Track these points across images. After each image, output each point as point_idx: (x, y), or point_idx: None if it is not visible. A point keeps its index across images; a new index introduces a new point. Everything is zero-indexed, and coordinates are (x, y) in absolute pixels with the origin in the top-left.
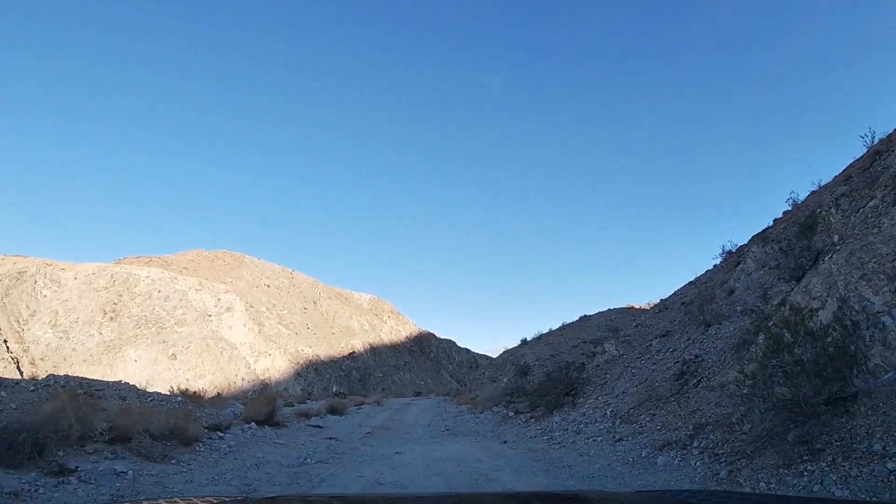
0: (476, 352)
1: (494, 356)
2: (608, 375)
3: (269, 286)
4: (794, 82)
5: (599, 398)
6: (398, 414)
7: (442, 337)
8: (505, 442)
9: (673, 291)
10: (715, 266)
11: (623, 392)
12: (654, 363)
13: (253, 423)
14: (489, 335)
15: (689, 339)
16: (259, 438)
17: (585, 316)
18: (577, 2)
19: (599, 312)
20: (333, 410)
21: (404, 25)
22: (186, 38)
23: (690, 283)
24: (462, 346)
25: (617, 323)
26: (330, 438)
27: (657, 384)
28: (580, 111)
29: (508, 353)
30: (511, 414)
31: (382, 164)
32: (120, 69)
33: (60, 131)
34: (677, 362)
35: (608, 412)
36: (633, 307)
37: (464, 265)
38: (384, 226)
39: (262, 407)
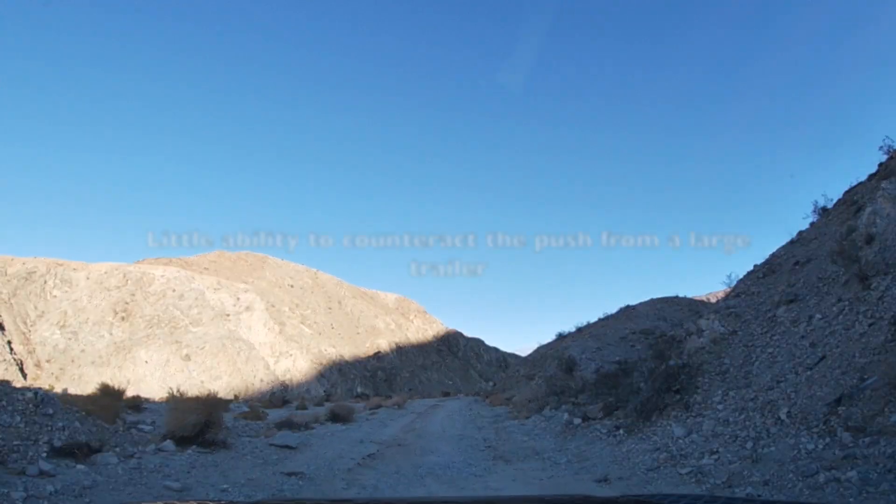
0: (504, 350)
1: (522, 355)
2: (727, 361)
3: (292, 286)
4: (782, 92)
5: (732, 393)
6: (420, 420)
7: (469, 336)
8: (605, 480)
9: (771, 253)
10: (812, 224)
11: (780, 381)
12: (802, 336)
13: (169, 442)
14: (512, 335)
15: (840, 300)
16: (141, 476)
17: (629, 306)
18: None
19: (642, 302)
20: (336, 417)
21: (417, 27)
22: (210, 40)
23: (792, 241)
24: (490, 344)
25: (664, 312)
26: (290, 474)
27: (861, 362)
28: (590, 112)
29: (546, 348)
30: (577, 421)
31: (404, 164)
32: (138, 72)
33: (84, 136)
34: (871, 324)
35: (781, 415)
36: (678, 297)
37: (491, 264)
38: (409, 225)
39: (187, 416)
